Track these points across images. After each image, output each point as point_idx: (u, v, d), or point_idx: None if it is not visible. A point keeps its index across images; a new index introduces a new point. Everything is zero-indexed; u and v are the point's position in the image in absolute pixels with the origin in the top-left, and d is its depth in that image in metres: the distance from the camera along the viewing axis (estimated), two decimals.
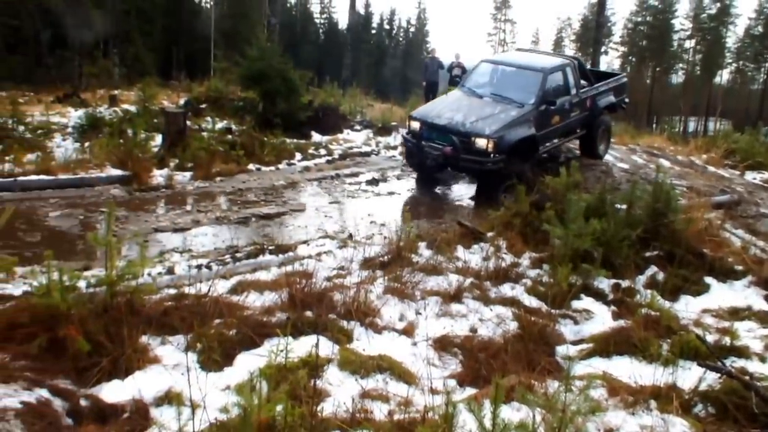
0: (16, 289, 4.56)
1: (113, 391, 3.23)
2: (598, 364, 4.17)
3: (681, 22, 60.07)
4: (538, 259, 6.34)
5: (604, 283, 5.80)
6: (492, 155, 9.50)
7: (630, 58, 62.49)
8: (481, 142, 9.53)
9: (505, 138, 9.64)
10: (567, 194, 6.47)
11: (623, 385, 3.76)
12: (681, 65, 61.98)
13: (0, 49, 27.66)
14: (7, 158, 9.35)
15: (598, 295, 5.60)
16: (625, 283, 5.85)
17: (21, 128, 11.28)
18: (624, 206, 6.61)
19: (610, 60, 57.17)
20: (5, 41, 28.60)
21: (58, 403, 3.05)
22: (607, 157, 12.62)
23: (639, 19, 60.56)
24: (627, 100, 13.32)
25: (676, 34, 60.52)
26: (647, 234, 6.35)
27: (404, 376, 3.84)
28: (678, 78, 63.44)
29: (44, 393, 3.05)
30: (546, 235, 6.32)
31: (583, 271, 5.63)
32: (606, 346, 4.43)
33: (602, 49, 36.83)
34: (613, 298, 5.60)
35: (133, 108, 14.10)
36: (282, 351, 3.36)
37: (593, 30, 34.03)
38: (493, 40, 39.59)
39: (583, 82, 11.77)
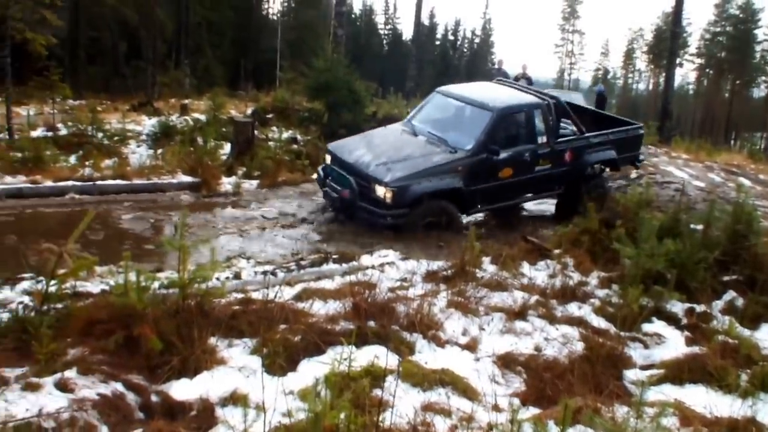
0: (94, 287, 4.73)
1: (182, 389, 3.32)
2: (669, 392, 3.99)
3: (765, 32, 57.34)
4: (607, 278, 6.15)
5: (677, 307, 5.52)
6: (390, 208, 7.97)
7: (707, 70, 60.16)
8: (379, 190, 8.02)
9: (409, 189, 8.00)
10: (639, 212, 6.28)
11: (697, 415, 3.59)
12: (764, 78, 59.14)
13: (81, 60, 28.93)
14: (86, 163, 9.79)
15: (671, 320, 5.35)
16: (700, 308, 5.56)
17: (99, 135, 11.80)
18: (700, 227, 6.35)
19: (685, 72, 55.15)
20: (86, 52, 29.94)
21: (131, 397, 3.16)
22: (682, 174, 12.09)
23: (718, 29, 58.36)
24: (642, 157, 11.15)
25: (759, 45, 57.87)
26: (726, 257, 6.01)
27: (466, 391, 3.80)
28: (760, 92, 60.42)
29: (119, 387, 3.17)
30: (616, 254, 6.11)
31: (655, 293, 5.41)
32: (678, 372, 4.23)
33: (677, 61, 35.17)
34: (687, 323, 5.33)
35: (203, 117, 14.53)
36: (345, 359, 3.38)
37: (668, 41, 32.90)
38: (561, 51, 38.98)
39: (570, 128, 10.00)
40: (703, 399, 3.84)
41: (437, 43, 48.78)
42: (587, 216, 7.01)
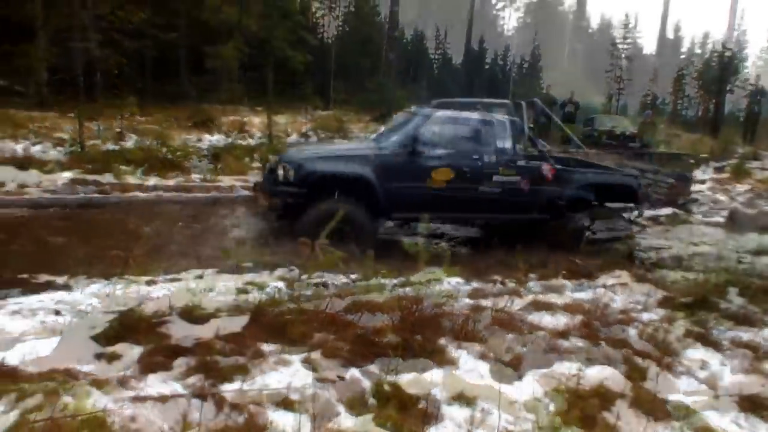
0: (336, 278, 5.17)
1: (412, 383, 3.47)
2: None
3: None
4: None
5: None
6: (285, 185, 7.28)
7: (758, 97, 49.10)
8: (279, 170, 7.40)
9: (304, 167, 7.26)
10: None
11: None
12: None
13: (329, 75, 31.57)
14: None
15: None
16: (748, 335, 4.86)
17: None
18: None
19: (736, 98, 45.47)
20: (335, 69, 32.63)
21: (365, 384, 3.38)
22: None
23: None
24: (693, 198, 8.81)
25: None
26: None
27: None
28: None
29: (356, 372, 3.42)
30: None
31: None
32: None
33: (728, 87, 30.82)
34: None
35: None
36: (574, 376, 3.33)
37: (717, 68, 30.13)
38: (610, 75, 34.60)
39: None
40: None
41: (486, 67, 45.64)
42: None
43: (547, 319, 4.67)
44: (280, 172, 7.35)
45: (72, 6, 19.97)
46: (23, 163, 12.21)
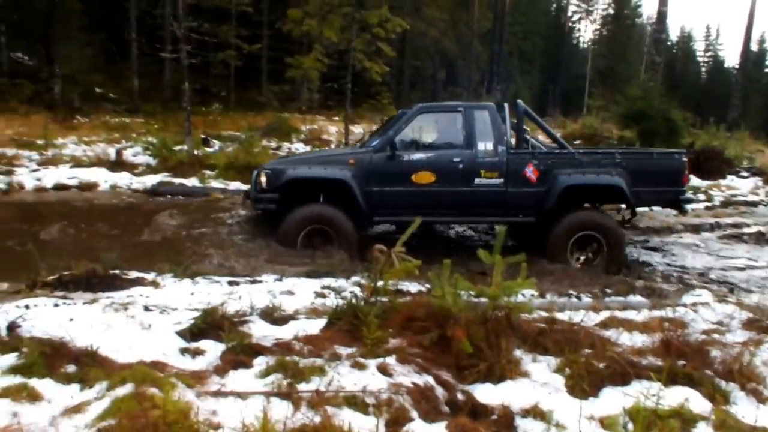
0: (411, 286, 5.22)
1: (485, 393, 3.48)
2: None
3: None
4: None
5: None
6: (264, 192, 7.42)
7: None
8: (261, 178, 7.54)
9: (282, 172, 7.39)
10: None
11: None
12: None
13: (404, 86, 31.88)
14: None
15: None
16: None
17: None
18: None
19: None
20: (409, 79, 32.91)
21: (439, 391, 3.41)
22: None
23: None
24: (688, 197, 8.13)
25: None
26: None
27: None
28: None
29: (430, 380, 3.45)
30: None
31: None
32: None
33: None
34: None
35: (512, 141, 14.93)
36: (653, 395, 3.25)
37: None
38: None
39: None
40: None
41: (766, 70, 43.24)
42: None
43: (624, 336, 4.56)
44: (262, 179, 7.52)
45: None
46: (115, 165, 12.91)
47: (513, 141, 8.16)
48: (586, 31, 61.68)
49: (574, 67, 52.98)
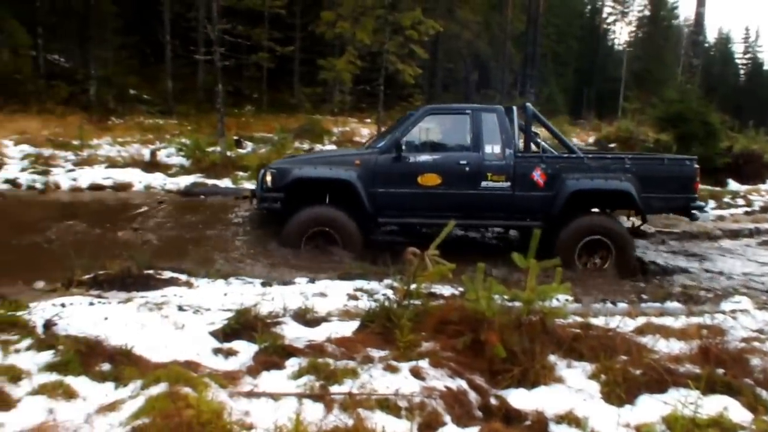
0: (444, 289, 5.19)
1: (519, 398, 3.44)
2: None
3: None
4: None
5: None
6: (269, 191, 7.45)
7: None
8: (267, 177, 7.56)
9: (288, 172, 7.41)
10: None
11: None
12: None
13: (437, 89, 31.79)
14: None
15: None
16: None
17: None
18: None
19: None
20: (442, 81, 32.80)
21: (472, 396, 3.38)
22: None
23: None
24: (699, 205, 7.86)
25: None
26: None
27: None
28: None
29: (463, 384, 3.42)
30: None
31: None
32: None
33: None
34: None
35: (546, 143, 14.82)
36: (691, 404, 3.18)
37: None
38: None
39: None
40: None
41: None
42: None
43: (661, 343, 4.48)
44: (267, 178, 7.56)
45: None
46: (149, 166, 13.12)
47: (522, 144, 8.09)
48: (621, 33, 60.77)
49: (609, 69, 52.29)
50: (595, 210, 7.92)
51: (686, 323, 5.06)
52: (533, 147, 8.47)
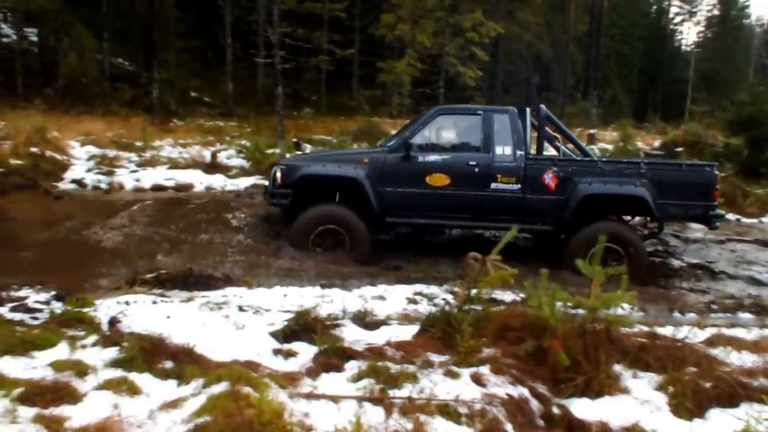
0: (504, 295, 5.12)
1: (583, 408, 3.37)
2: None
3: None
4: None
5: None
6: (278, 187, 7.48)
7: None
8: (277, 174, 7.61)
9: (297, 168, 7.45)
10: None
11: None
12: None
13: (498, 91, 31.47)
14: None
15: None
16: None
17: None
18: None
19: None
20: (502, 84, 32.46)
21: (534, 404, 3.31)
22: None
23: None
24: (718, 213, 7.46)
25: None
26: None
27: None
28: None
29: (524, 391, 3.36)
30: None
31: None
32: None
33: None
34: None
35: (609, 147, 14.49)
36: (765, 419, 3.04)
37: None
38: None
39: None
40: None
41: None
42: None
43: (733, 355, 4.29)
44: (277, 174, 7.62)
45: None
46: (209, 167, 13.40)
47: (534, 147, 7.97)
48: (688, 34, 58.89)
49: (676, 71, 50.75)
50: (611, 216, 7.75)
51: (759, 335, 4.85)
52: (552, 150, 8.35)
